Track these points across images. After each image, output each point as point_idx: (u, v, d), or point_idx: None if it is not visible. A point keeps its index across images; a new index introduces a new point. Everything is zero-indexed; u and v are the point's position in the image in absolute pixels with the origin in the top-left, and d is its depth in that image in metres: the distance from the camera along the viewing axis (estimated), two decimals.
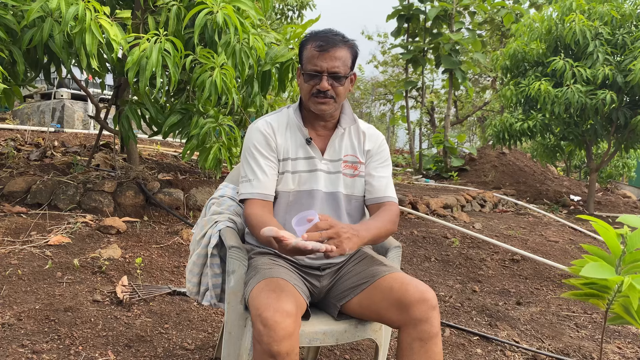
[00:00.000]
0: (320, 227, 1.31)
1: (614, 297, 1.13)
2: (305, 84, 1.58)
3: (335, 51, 1.54)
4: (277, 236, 1.25)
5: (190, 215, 3.89)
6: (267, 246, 1.53)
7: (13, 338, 2.01)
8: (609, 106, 6.03)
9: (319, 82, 1.54)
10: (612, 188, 10.92)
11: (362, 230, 1.44)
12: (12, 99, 3.60)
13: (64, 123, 7.96)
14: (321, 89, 1.54)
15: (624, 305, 1.12)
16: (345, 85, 1.59)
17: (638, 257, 1.11)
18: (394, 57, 17.43)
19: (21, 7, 3.07)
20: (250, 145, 1.63)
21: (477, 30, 10.54)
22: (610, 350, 2.56)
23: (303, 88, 1.60)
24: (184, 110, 3.66)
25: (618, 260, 1.13)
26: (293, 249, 1.25)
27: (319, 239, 1.28)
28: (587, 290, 1.15)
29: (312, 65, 1.55)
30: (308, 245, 1.23)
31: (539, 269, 3.80)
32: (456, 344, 2.48)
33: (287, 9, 10.77)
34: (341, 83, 1.56)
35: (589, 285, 1.15)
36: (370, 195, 1.68)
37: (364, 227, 1.48)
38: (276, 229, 1.26)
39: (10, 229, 3.11)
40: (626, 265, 1.12)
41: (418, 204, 5.24)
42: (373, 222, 1.57)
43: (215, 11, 3.15)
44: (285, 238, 1.24)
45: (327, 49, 1.53)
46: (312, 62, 1.54)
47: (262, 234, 1.28)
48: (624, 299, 1.11)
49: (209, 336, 2.28)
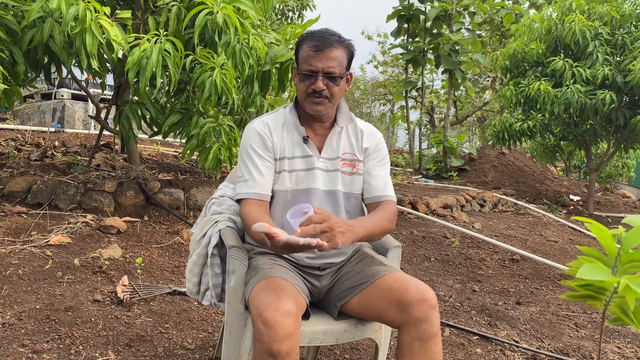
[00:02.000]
0: (314, 220, 1.31)
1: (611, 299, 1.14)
2: (301, 83, 1.58)
3: (331, 51, 1.54)
4: (268, 232, 1.26)
5: (191, 215, 3.90)
6: (261, 244, 1.54)
7: (13, 338, 2.02)
8: (608, 106, 6.03)
9: (314, 82, 1.54)
10: (611, 188, 10.92)
11: (357, 226, 1.45)
12: (13, 99, 3.60)
13: (65, 123, 7.97)
14: (316, 89, 1.54)
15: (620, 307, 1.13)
16: (340, 86, 1.59)
17: (634, 258, 1.11)
18: (394, 57, 17.42)
19: (21, 7, 3.07)
20: (247, 146, 1.63)
21: (477, 30, 10.53)
22: (610, 350, 2.57)
23: (299, 88, 1.60)
24: (184, 110, 3.67)
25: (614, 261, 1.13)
26: (285, 245, 1.26)
27: (312, 232, 1.29)
28: (584, 292, 1.16)
29: (307, 65, 1.55)
30: (299, 241, 1.24)
31: (538, 268, 3.80)
32: (456, 344, 2.48)
33: (287, 9, 10.77)
34: (336, 83, 1.56)
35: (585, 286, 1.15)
36: (369, 194, 1.68)
37: (359, 223, 1.49)
38: (267, 225, 1.26)
39: (11, 229, 3.11)
40: (622, 266, 1.13)
41: (418, 204, 5.25)
42: (369, 218, 1.58)
43: (216, 11, 3.16)
44: (276, 234, 1.25)
45: (323, 49, 1.53)
46: (308, 62, 1.55)
47: (253, 230, 1.28)
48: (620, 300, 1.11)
49: (209, 336, 2.28)
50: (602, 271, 1.03)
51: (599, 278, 1.01)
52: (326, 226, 1.32)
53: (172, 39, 3.14)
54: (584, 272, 1.01)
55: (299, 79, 1.59)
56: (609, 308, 1.17)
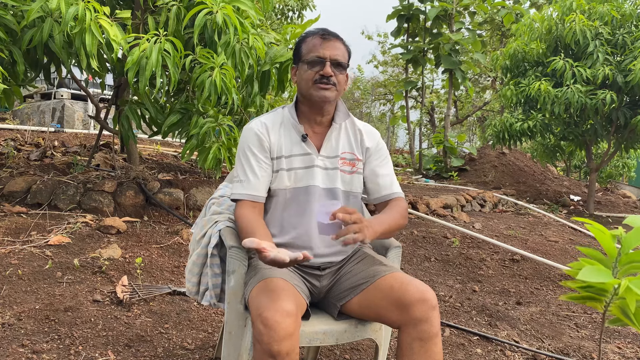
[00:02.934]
0: (347, 210, 1.37)
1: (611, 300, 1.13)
2: (308, 71, 1.60)
3: (337, 41, 1.62)
4: (257, 248, 1.28)
5: (190, 215, 3.89)
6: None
7: (13, 338, 2.02)
8: (609, 106, 6.03)
9: (322, 68, 1.58)
10: (612, 188, 10.92)
11: (376, 224, 1.48)
12: (12, 99, 3.60)
13: (64, 123, 7.96)
14: (325, 74, 1.57)
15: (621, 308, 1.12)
16: (344, 77, 1.63)
17: (634, 258, 1.11)
18: (394, 57, 17.42)
19: (21, 7, 3.07)
20: (244, 146, 1.64)
21: (477, 30, 10.53)
22: (610, 350, 2.56)
23: (304, 77, 1.61)
24: (183, 110, 3.66)
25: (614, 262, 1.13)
26: (272, 260, 1.29)
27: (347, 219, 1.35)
28: (585, 294, 1.15)
29: (314, 53, 1.59)
30: (286, 258, 1.28)
31: (538, 269, 3.80)
32: (456, 344, 2.48)
33: (287, 9, 10.76)
34: (342, 72, 1.62)
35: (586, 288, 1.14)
36: (378, 194, 1.70)
37: (377, 220, 1.52)
38: (257, 240, 1.29)
39: (11, 229, 3.11)
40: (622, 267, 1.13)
41: (418, 204, 5.24)
42: (385, 215, 1.61)
43: (215, 11, 3.15)
44: (265, 250, 1.28)
45: (329, 38, 1.61)
46: (315, 50, 1.60)
47: (243, 245, 1.31)
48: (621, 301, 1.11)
49: (209, 336, 2.28)
50: (602, 273, 1.03)
51: (600, 280, 1.01)
52: (357, 217, 1.37)
53: (171, 38, 3.14)
54: (585, 274, 1.01)
55: (306, 67, 1.61)
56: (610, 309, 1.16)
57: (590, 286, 1.13)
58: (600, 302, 1.17)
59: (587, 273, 1.02)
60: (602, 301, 1.16)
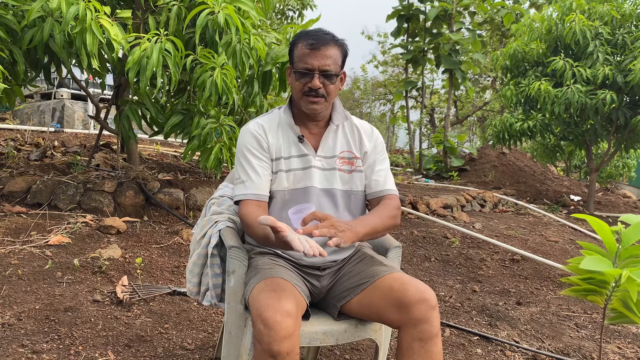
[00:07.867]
0: (318, 217, 1.34)
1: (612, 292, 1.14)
2: (297, 82, 1.57)
3: (327, 49, 1.54)
4: (273, 225, 1.26)
5: (190, 215, 3.90)
6: (261, 243, 1.54)
7: (13, 338, 2.02)
8: (609, 106, 6.03)
9: (310, 80, 1.54)
10: (612, 188, 10.92)
11: (358, 225, 1.44)
12: (13, 99, 3.60)
13: (64, 123, 7.96)
14: (313, 87, 1.54)
15: (622, 300, 1.13)
16: (336, 84, 1.59)
17: (633, 253, 1.12)
18: (394, 57, 17.41)
19: (22, 6, 3.07)
20: (243, 148, 1.63)
21: (477, 30, 10.52)
22: (610, 350, 2.56)
23: (294, 87, 1.60)
24: (185, 111, 3.67)
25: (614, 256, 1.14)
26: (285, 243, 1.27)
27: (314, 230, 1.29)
28: (586, 286, 1.16)
29: (303, 64, 1.54)
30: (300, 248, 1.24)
31: (539, 268, 3.80)
32: (456, 344, 2.48)
33: (287, 9, 10.76)
34: (332, 82, 1.56)
35: (587, 280, 1.15)
36: (370, 190, 1.68)
37: (359, 222, 1.48)
38: (273, 218, 1.28)
39: (10, 229, 3.11)
40: (622, 261, 1.13)
41: (418, 204, 5.24)
42: (370, 217, 1.57)
43: (217, 11, 3.15)
44: (282, 229, 1.26)
45: (318, 47, 1.53)
46: (303, 60, 1.54)
47: (258, 222, 1.29)
48: (622, 293, 1.11)
49: (209, 336, 2.28)
50: (603, 263, 1.04)
51: (601, 269, 1.02)
52: (328, 223, 1.34)
53: (172, 38, 3.14)
54: (586, 264, 1.02)
55: (295, 77, 1.58)
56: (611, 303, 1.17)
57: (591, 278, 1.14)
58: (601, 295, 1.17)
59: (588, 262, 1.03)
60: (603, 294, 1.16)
